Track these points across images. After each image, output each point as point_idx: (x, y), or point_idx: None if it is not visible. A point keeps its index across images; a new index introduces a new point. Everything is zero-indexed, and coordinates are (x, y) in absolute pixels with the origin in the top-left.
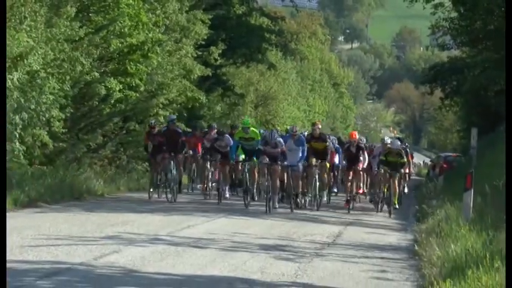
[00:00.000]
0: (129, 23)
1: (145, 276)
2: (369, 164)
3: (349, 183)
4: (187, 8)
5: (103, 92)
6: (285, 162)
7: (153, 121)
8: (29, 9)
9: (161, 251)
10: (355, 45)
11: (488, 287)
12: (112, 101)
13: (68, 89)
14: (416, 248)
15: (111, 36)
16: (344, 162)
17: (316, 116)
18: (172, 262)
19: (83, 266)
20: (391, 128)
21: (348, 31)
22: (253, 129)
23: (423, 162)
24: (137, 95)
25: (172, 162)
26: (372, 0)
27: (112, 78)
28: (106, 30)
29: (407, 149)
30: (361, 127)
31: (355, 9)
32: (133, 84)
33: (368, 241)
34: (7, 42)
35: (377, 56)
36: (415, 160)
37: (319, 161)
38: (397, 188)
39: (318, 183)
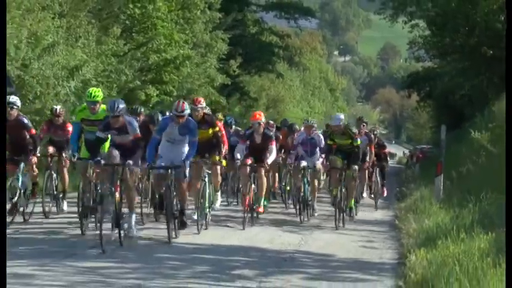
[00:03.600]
0: (164, 41)
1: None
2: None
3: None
4: (210, 29)
5: (143, 97)
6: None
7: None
8: (83, 30)
9: None
10: (348, 58)
11: (455, 254)
12: (150, 105)
13: (114, 94)
14: (397, 222)
15: (150, 52)
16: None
17: (316, 116)
18: None
19: None
20: (377, 126)
21: (341, 47)
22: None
23: (403, 153)
24: (171, 99)
25: None
26: (361, 22)
27: (150, 85)
28: (145, 47)
29: (374, 137)
30: (352, 124)
31: (347, 29)
32: (168, 91)
33: (357, 217)
34: (65, 57)
35: (365, 67)
36: (394, 151)
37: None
38: (353, 187)
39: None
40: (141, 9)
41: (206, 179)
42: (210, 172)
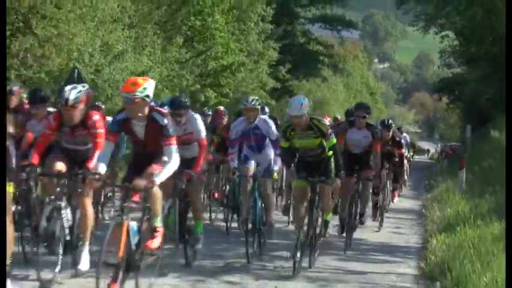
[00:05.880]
0: (222, 50)
1: None
2: None
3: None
4: (263, 39)
5: (203, 99)
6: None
7: None
8: (150, 39)
9: None
10: (386, 65)
11: (471, 239)
12: (209, 106)
13: None
14: (423, 211)
15: (209, 59)
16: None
17: None
18: None
19: None
20: (412, 125)
21: (381, 55)
22: None
23: (435, 149)
24: (227, 100)
25: None
26: (399, 33)
27: (209, 89)
28: (205, 55)
29: (405, 138)
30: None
31: (386, 39)
32: (224, 93)
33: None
34: (133, 63)
35: (402, 73)
36: (428, 147)
37: None
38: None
39: None
40: (201, 21)
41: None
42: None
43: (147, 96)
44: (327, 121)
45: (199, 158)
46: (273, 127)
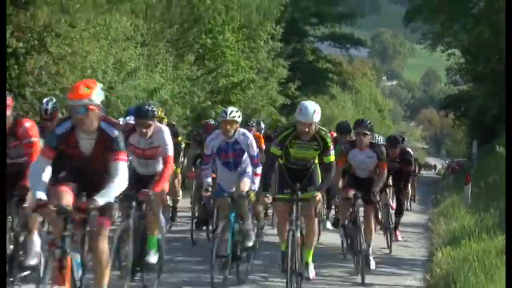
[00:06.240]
0: (232, 67)
1: None
2: None
3: None
4: (272, 57)
5: (213, 115)
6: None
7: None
8: (162, 57)
9: None
10: (394, 82)
11: (475, 252)
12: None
13: (188, 113)
14: (430, 224)
15: (219, 76)
16: None
17: None
18: None
19: None
20: (420, 141)
21: (389, 72)
22: None
23: (442, 165)
24: None
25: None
26: (407, 52)
27: (220, 105)
28: (216, 72)
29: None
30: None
31: (394, 57)
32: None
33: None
34: (146, 80)
35: (410, 90)
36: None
37: None
38: (315, 229)
39: None
40: (212, 39)
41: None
42: None
43: (102, 102)
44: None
45: (162, 176)
46: (253, 141)
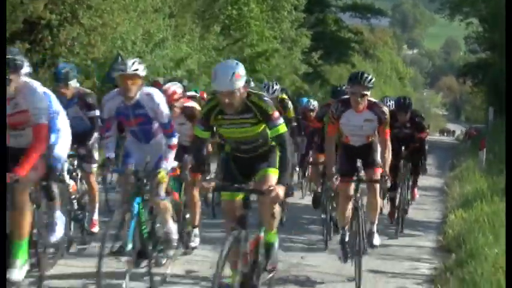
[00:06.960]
0: (257, 37)
1: None
2: None
3: None
4: (296, 27)
5: None
6: None
7: None
8: (189, 28)
9: None
10: (415, 51)
11: (486, 213)
12: None
13: None
14: (445, 188)
15: (245, 46)
16: None
17: None
18: None
19: None
20: (440, 108)
21: (410, 41)
22: None
23: (461, 131)
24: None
25: None
26: (427, 21)
27: None
28: (241, 42)
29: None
30: (418, 107)
31: (415, 26)
32: (259, 78)
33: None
34: (173, 50)
35: (430, 59)
36: (453, 128)
37: None
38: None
39: None
40: (237, 10)
41: None
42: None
43: None
44: None
45: (30, 152)
46: (163, 104)
